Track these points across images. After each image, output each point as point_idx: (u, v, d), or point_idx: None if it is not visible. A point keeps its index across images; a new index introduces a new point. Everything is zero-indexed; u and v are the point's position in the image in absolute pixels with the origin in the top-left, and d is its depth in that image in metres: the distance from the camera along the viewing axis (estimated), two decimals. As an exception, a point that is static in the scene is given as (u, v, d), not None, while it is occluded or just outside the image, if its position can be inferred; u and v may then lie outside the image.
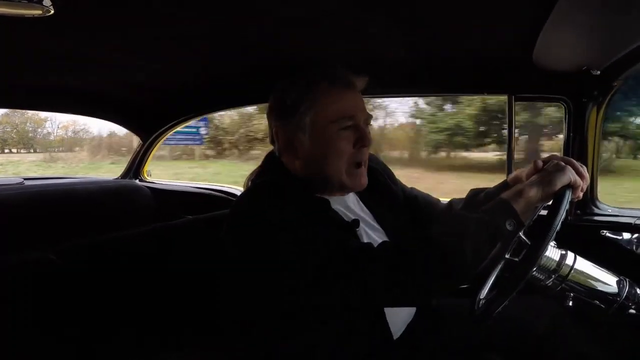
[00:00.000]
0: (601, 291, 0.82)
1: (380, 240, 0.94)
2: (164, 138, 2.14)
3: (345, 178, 0.91)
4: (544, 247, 0.73)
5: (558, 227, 0.73)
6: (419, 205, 1.11)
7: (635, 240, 1.13)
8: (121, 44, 1.21)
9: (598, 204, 1.25)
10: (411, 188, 1.16)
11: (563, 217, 0.74)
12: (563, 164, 0.80)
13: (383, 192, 1.06)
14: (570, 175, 0.78)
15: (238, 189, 1.96)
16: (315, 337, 0.87)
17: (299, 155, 0.92)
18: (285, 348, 0.89)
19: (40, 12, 0.91)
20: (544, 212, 0.78)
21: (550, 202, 0.78)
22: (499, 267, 0.81)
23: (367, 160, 0.94)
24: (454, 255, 0.73)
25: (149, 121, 2.03)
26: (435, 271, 0.74)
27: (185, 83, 1.61)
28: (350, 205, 0.99)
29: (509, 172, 1.28)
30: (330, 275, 0.75)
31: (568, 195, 0.77)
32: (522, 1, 0.82)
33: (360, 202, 1.02)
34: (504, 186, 0.94)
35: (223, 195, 1.95)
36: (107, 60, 1.35)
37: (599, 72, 1.04)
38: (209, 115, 8.37)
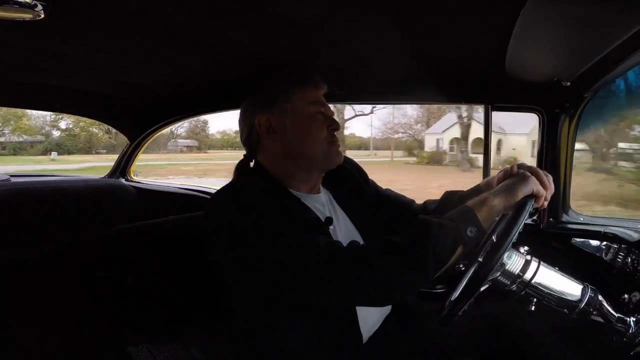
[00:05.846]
0: (563, 297, 0.83)
1: (352, 239, 0.96)
2: (152, 138, 2.15)
3: (327, 152, 0.99)
4: (500, 253, 0.75)
5: (516, 236, 0.76)
6: (391, 205, 1.14)
7: (604, 247, 1.16)
8: (110, 45, 1.22)
9: (570, 212, 1.28)
10: (385, 189, 1.19)
11: (522, 226, 0.77)
12: (528, 173, 0.83)
13: (356, 192, 1.10)
14: (532, 185, 0.82)
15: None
16: (290, 330, 0.89)
17: (282, 138, 0.99)
18: (263, 338, 0.91)
19: (30, 15, 0.92)
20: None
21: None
22: (472, 270, 0.82)
23: (339, 143, 1.03)
24: (416, 258, 0.75)
25: (137, 121, 2.04)
26: (396, 272, 0.75)
27: (174, 84, 1.62)
28: (324, 202, 1.02)
29: (485, 176, 1.31)
30: (291, 270, 0.78)
31: (529, 205, 0.80)
32: (489, 12, 0.84)
33: (334, 201, 1.05)
34: (476, 189, 0.98)
35: (208, 196, 1.96)
36: (95, 60, 1.36)
37: (569, 84, 1.07)
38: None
